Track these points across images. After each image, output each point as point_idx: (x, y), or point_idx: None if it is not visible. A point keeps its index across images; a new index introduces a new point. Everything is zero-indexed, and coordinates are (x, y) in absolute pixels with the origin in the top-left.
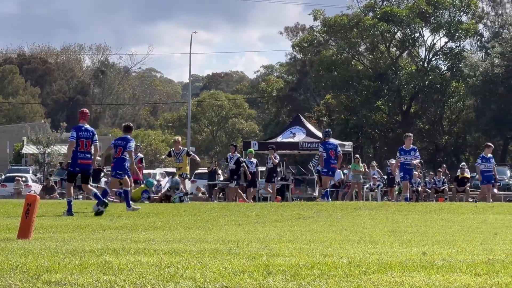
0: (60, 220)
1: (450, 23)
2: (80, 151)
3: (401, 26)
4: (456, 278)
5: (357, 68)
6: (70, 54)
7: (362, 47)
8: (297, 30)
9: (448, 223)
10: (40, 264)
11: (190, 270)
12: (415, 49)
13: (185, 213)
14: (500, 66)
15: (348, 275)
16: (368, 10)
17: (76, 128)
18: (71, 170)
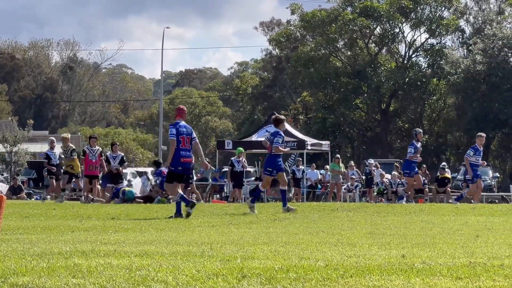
0: (27, 221)
1: (431, 19)
2: (182, 148)
3: (380, 22)
4: (436, 281)
5: (335, 65)
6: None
7: (340, 43)
8: (272, 25)
9: (428, 225)
10: (7, 267)
11: (161, 273)
12: (394, 45)
13: (157, 214)
14: (482, 63)
15: (325, 279)
16: (347, 5)
17: (175, 125)
18: (172, 170)
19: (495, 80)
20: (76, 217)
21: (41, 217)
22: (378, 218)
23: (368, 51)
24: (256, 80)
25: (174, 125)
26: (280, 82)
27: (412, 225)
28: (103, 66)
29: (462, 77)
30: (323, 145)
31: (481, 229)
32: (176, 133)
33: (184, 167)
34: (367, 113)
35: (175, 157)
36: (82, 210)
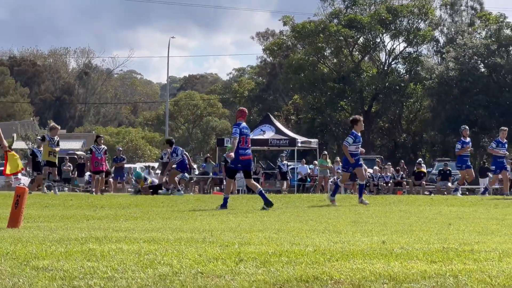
0: (47, 211)
1: (409, 30)
2: (242, 147)
3: (363, 32)
4: (413, 265)
5: (322, 71)
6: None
7: (327, 51)
8: (267, 36)
9: (406, 214)
10: (29, 251)
11: (167, 257)
12: (376, 53)
13: (163, 204)
14: (454, 70)
15: (313, 262)
16: (333, 17)
17: (238, 125)
18: (233, 167)
19: (466, 85)
20: (90, 207)
21: (59, 207)
22: (361, 208)
23: (352, 58)
24: (252, 84)
25: (238, 125)
26: (274, 86)
27: (391, 215)
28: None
29: (436, 82)
30: (312, 142)
31: (453, 218)
32: (239, 133)
33: (243, 164)
34: (351, 114)
35: (236, 155)
36: (96, 200)
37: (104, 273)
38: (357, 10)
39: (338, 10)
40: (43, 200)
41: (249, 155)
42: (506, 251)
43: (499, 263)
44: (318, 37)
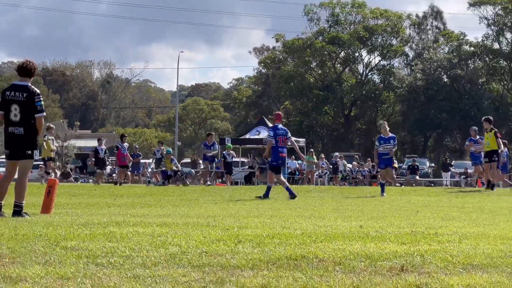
0: (74, 199)
1: (383, 46)
2: (279, 146)
3: (344, 48)
4: (386, 246)
5: (309, 81)
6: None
7: (313, 64)
8: (262, 50)
9: (380, 203)
10: (59, 234)
11: (177, 239)
12: (355, 66)
13: (173, 193)
14: (422, 80)
15: (301, 243)
16: (318, 35)
17: (274, 128)
18: (274, 164)
19: (431, 93)
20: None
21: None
22: (342, 197)
23: (335, 70)
24: (249, 92)
25: (273, 128)
26: (268, 94)
27: (367, 203)
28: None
29: (406, 90)
30: (300, 141)
31: (420, 206)
32: (273, 135)
33: (282, 160)
34: (334, 118)
35: (275, 153)
36: (116, 190)
37: (123, 252)
38: (339, 29)
39: (323, 29)
40: (71, 190)
41: (285, 153)
42: (465, 234)
43: (459, 244)
44: (305, 52)
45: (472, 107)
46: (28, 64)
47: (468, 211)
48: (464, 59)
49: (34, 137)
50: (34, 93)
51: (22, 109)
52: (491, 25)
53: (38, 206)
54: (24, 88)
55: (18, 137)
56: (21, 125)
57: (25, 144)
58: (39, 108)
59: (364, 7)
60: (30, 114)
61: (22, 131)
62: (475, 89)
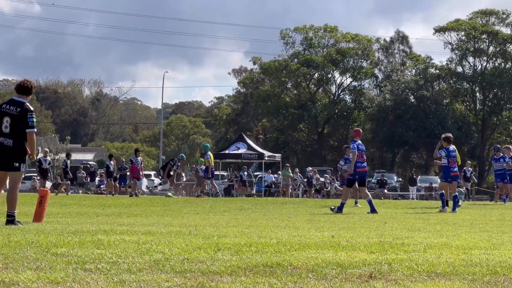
0: (65, 209)
1: (354, 68)
2: (359, 161)
3: (317, 69)
4: (356, 254)
5: (285, 100)
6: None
7: (289, 84)
8: (241, 72)
9: (350, 214)
10: (50, 241)
11: (160, 246)
12: (328, 86)
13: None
14: (390, 100)
15: (276, 251)
16: (293, 57)
17: (355, 143)
18: (351, 178)
19: (399, 112)
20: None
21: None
22: (315, 209)
23: (309, 90)
24: (229, 110)
25: (354, 142)
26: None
27: (339, 215)
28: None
29: (376, 110)
30: (276, 156)
31: (388, 218)
32: (356, 148)
33: (360, 176)
34: (308, 134)
35: (354, 168)
36: (104, 200)
37: (110, 259)
38: (313, 51)
39: (298, 52)
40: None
41: (365, 167)
42: (429, 244)
43: (424, 254)
44: (281, 73)
45: (437, 126)
46: (26, 83)
47: (432, 223)
48: (430, 81)
49: (23, 151)
50: (27, 110)
51: (13, 122)
52: (455, 50)
53: (30, 215)
54: (19, 104)
55: (6, 148)
56: (11, 137)
57: (13, 156)
58: (30, 124)
59: (336, 31)
60: (20, 128)
61: (11, 143)
62: (440, 109)
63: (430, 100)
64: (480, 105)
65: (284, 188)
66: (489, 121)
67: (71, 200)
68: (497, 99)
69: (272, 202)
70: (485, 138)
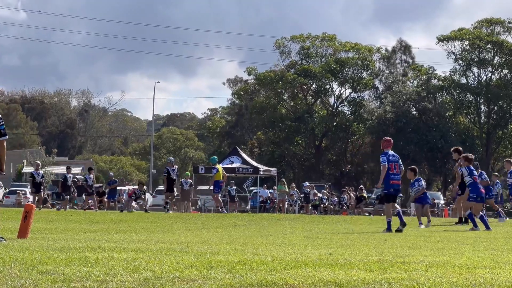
0: (51, 224)
1: (354, 78)
2: (391, 173)
3: (315, 80)
4: (354, 273)
5: (281, 112)
6: (61, 96)
7: (285, 95)
8: (236, 82)
9: (349, 231)
10: (35, 258)
11: (150, 264)
12: (326, 97)
13: (148, 220)
14: (391, 112)
15: (272, 270)
16: (290, 68)
17: (385, 154)
18: (386, 192)
19: (400, 125)
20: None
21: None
22: (312, 225)
23: (306, 102)
24: (223, 122)
25: (385, 154)
26: (241, 124)
27: (337, 231)
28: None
29: (376, 122)
30: (272, 171)
31: (388, 235)
32: (386, 161)
33: (395, 188)
34: (305, 148)
35: (387, 181)
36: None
37: (97, 277)
38: (311, 61)
39: (294, 62)
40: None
41: (398, 180)
42: (431, 262)
43: (425, 273)
44: (277, 84)
45: (440, 139)
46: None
47: (434, 241)
48: (433, 92)
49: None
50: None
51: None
52: (458, 60)
53: (15, 231)
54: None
55: None
56: None
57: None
58: (3, 132)
59: (334, 40)
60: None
61: None
62: (443, 121)
63: (432, 112)
64: (484, 117)
65: (280, 204)
66: (494, 134)
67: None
68: (502, 112)
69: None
70: (490, 152)
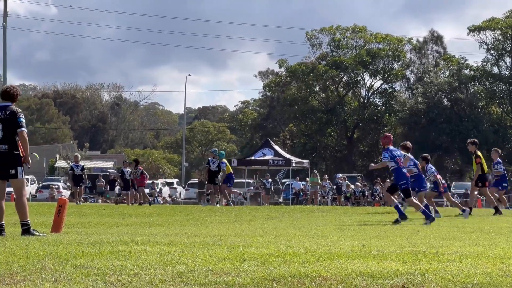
0: (84, 219)
1: (385, 70)
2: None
3: (346, 72)
4: (387, 264)
5: (312, 104)
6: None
7: (316, 87)
8: (267, 74)
9: (381, 223)
10: (68, 252)
11: (184, 257)
12: (357, 89)
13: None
14: (422, 103)
15: (305, 262)
16: (321, 60)
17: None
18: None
19: (432, 116)
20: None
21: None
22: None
23: (337, 93)
24: (255, 115)
25: (386, 150)
26: (272, 116)
27: (369, 223)
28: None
29: (408, 113)
30: (304, 163)
31: (421, 226)
32: (389, 156)
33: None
34: (337, 140)
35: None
36: (125, 210)
37: (131, 270)
38: (341, 53)
39: (325, 53)
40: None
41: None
42: (465, 253)
43: (459, 264)
44: (308, 76)
45: (472, 130)
46: (12, 90)
47: (468, 231)
48: (464, 83)
49: (18, 155)
50: (16, 111)
51: (4, 126)
52: (490, 50)
53: (48, 225)
54: (5, 107)
55: (2, 154)
56: (5, 142)
57: (8, 162)
58: (21, 124)
59: (365, 32)
60: (13, 132)
61: (6, 148)
62: (475, 112)
63: (464, 103)
64: None
65: (313, 196)
66: None
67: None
68: None
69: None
70: None
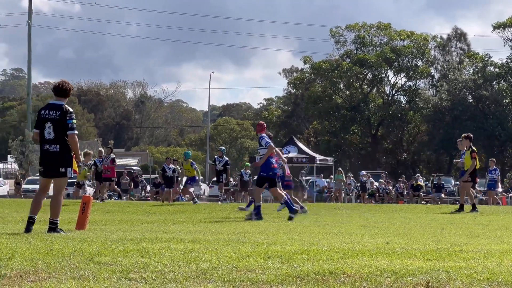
0: (108, 216)
1: (409, 67)
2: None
3: (371, 69)
4: (412, 262)
5: (336, 101)
6: (116, 88)
7: (340, 85)
8: (292, 71)
9: (405, 220)
10: (93, 249)
11: (208, 255)
12: (381, 86)
13: (204, 211)
14: (447, 100)
15: (329, 259)
16: (345, 57)
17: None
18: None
19: (456, 113)
20: (144, 212)
21: (118, 212)
22: (369, 215)
23: (362, 91)
24: (279, 112)
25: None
26: (297, 114)
27: (394, 220)
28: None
29: (432, 111)
30: (328, 160)
31: (446, 223)
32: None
33: (274, 173)
34: (361, 137)
35: (267, 164)
36: (149, 207)
37: (155, 268)
38: (366, 50)
39: (350, 51)
40: (105, 207)
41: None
42: (489, 251)
43: (484, 261)
44: (333, 74)
45: (497, 127)
46: (64, 85)
47: (493, 229)
48: (489, 80)
49: (69, 155)
50: (66, 112)
51: (55, 127)
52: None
53: (73, 222)
54: (58, 107)
55: (53, 154)
56: (57, 143)
57: (59, 161)
58: (70, 126)
59: (389, 29)
60: (63, 132)
61: (57, 148)
62: (500, 109)
63: (489, 100)
64: None
65: (337, 193)
66: None
67: (114, 207)
68: None
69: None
70: None
